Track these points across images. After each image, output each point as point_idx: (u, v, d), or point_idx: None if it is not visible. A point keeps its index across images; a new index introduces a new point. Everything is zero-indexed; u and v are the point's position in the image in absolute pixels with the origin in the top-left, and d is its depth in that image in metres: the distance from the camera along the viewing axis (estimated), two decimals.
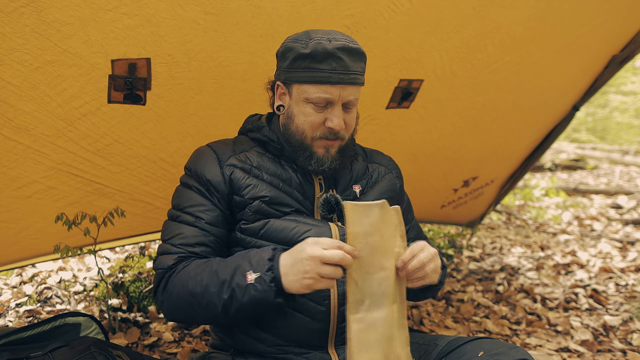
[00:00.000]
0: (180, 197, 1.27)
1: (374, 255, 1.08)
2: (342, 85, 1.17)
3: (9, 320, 2.19)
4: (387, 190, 1.38)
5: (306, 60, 1.16)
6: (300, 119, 1.22)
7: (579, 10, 1.90)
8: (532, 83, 2.25)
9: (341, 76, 1.16)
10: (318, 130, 1.22)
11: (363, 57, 1.21)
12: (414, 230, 1.49)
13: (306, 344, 1.21)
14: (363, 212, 1.07)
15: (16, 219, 1.70)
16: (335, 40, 1.16)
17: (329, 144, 1.24)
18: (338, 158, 1.26)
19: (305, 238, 1.19)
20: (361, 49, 1.20)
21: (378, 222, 1.08)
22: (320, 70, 1.16)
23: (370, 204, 1.08)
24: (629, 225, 4.66)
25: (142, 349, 2.04)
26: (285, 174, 1.28)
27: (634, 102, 10.73)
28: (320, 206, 1.26)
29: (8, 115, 1.38)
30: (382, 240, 1.08)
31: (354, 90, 1.20)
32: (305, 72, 1.17)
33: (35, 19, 1.20)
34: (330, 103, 1.19)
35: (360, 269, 1.07)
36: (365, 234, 1.07)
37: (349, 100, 1.20)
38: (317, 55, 1.15)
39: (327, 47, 1.14)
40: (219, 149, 1.29)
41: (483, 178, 2.93)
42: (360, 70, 1.20)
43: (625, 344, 2.27)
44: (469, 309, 2.64)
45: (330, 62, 1.15)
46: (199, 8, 1.36)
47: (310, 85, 1.18)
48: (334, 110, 1.20)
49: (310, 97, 1.18)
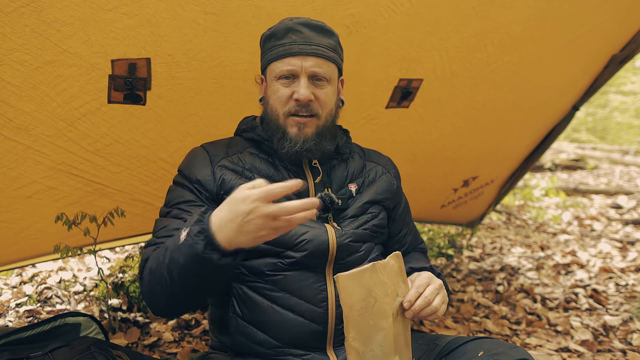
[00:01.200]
0: (171, 195, 1.27)
1: (370, 320, 1.08)
2: (303, 56, 1.19)
3: (9, 320, 2.19)
4: (383, 190, 1.37)
5: (271, 40, 1.23)
6: (272, 98, 1.25)
7: (578, 9, 1.90)
8: (532, 83, 2.24)
9: (301, 46, 1.19)
10: (287, 104, 1.22)
11: (327, 33, 1.23)
12: (411, 234, 1.48)
13: (305, 346, 1.21)
14: (356, 279, 1.07)
15: (16, 219, 1.70)
16: (297, 18, 1.23)
17: (301, 121, 1.22)
18: (314, 138, 1.24)
19: (302, 241, 1.20)
20: (326, 26, 1.24)
21: (371, 285, 1.07)
22: (281, 45, 1.21)
23: (361, 270, 1.07)
24: (629, 225, 4.66)
25: (142, 349, 2.04)
26: (278, 175, 1.27)
27: (634, 102, 10.72)
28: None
29: (8, 116, 1.38)
30: (377, 303, 1.08)
31: (319, 62, 1.21)
32: (270, 50, 1.23)
33: (35, 19, 1.20)
34: (296, 76, 1.21)
35: (359, 337, 1.07)
36: (360, 300, 1.07)
37: (315, 71, 1.20)
38: (279, 32, 1.21)
39: (287, 24, 1.21)
40: (212, 150, 1.30)
41: (483, 178, 2.93)
42: (326, 45, 1.22)
43: (625, 344, 2.27)
44: (469, 309, 2.64)
45: (290, 35, 1.20)
46: (199, 8, 1.36)
47: (275, 62, 1.22)
48: (299, 82, 1.21)
49: (276, 73, 1.22)
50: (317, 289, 1.20)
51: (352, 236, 1.25)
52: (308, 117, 1.23)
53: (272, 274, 1.21)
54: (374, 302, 1.08)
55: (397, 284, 1.12)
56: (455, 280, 3.09)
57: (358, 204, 1.31)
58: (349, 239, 1.24)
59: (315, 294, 1.20)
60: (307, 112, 1.22)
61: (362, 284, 1.07)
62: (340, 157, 1.36)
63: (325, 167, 1.32)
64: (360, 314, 1.07)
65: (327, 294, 1.20)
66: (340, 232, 1.24)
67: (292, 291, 1.20)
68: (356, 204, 1.31)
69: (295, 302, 1.19)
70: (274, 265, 1.21)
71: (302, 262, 1.20)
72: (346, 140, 1.38)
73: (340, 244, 1.22)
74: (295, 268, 1.21)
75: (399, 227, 1.45)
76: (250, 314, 1.22)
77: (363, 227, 1.29)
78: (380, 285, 1.09)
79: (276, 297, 1.20)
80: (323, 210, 1.25)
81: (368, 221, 1.31)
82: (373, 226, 1.31)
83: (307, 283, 1.20)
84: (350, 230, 1.26)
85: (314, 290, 1.20)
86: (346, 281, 1.07)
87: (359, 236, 1.27)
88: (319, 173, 1.30)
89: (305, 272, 1.21)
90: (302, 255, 1.20)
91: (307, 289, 1.20)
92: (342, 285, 1.06)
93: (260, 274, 1.22)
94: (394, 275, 1.12)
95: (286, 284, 1.20)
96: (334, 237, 1.22)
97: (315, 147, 1.25)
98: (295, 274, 1.20)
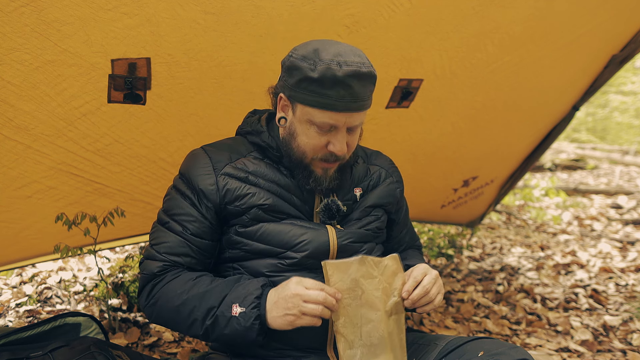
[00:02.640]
0: (171, 202, 1.26)
1: (359, 309, 1.12)
2: (349, 113, 1.13)
3: (9, 320, 2.19)
4: (385, 195, 1.37)
5: (313, 84, 1.10)
6: (303, 140, 1.18)
7: (578, 9, 1.90)
8: (532, 83, 2.24)
9: (349, 104, 1.11)
10: (319, 152, 1.19)
11: (373, 80, 1.14)
12: (409, 233, 1.51)
13: (304, 347, 1.21)
14: (343, 269, 1.11)
15: (16, 219, 1.70)
16: (346, 65, 1.08)
17: (328, 166, 1.22)
18: (337, 177, 1.25)
19: (302, 241, 1.20)
20: (373, 72, 1.13)
21: (359, 277, 1.11)
22: (327, 96, 1.10)
23: (348, 261, 1.11)
24: (629, 225, 4.66)
25: (142, 349, 2.04)
26: (284, 180, 1.25)
27: (634, 102, 10.72)
28: (320, 212, 1.25)
29: (8, 115, 1.38)
30: (365, 295, 1.12)
31: (361, 115, 1.17)
32: (311, 95, 1.11)
33: (35, 19, 1.20)
34: (335, 127, 1.15)
35: (346, 324, 1.11)
36: (347, 289, 1.11)
37: (355, 125, 1.17)
38: (326, 82, 1.08)
39: (336, 74, 1.07)
40: (214, 155, 1.25)
41: (483, 178, 2.93)
42: (368, 94, 1.15)
43: (625, 344, 2.27)
44: (469, 309, 2.64)
45: (339, 89, 1.09)
46: (199, 8, 1.36)
47: (315, 110, 1.12)
48: (337, 135, 1.16)
49: (315, 121, 1.14)
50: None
51: (353, 237, 1.25)
52: (334, 162, 1.22)
53: (272, 275, 1.21)
54: (361, 293, 1.12)
55: (392, 283, 1.16)
56: (455, 280, 3.09)
57: (361, 208, 1.31)
58: (350, 240, 1.24)
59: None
60: (335, 159, 1.21)
61: (349, 273, 1.11)
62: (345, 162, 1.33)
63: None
64: (348, 302, 1.11)
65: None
66: (341, 233, 1.24)
67: None
68: (360, 208, 1.31)
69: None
70: (274, 265, 1.21)
71: (302, 262, 1.20)
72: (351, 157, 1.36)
73: (341, 244, 1.22)
74: (295, 269, 1.20)
75: (400, 229, 1.47)
76: None
77: (365, 228, 1.29)
78: (369, 278, 1.12)
79: None
80: (329, 217, 1.25)
81: (370, 222, 1.31)
82: (375, 227, 1.32)
83: None
84: (351, 230, 1.26)
85: None
86: (333, 269, 1.11)
87: (360, 236, 1.27)
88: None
89: (305, 273, 1.20)
90: (302, 255, 1.19)
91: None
92: (329, 272, 1.10)
93: (260, 275, 1.21)
94: (389, 274, 1.15)
95: None
96: (334, 237, 1.22)
97: (337, 186, 1.27)
98: (295, 275, 1.20)
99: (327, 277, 1.11)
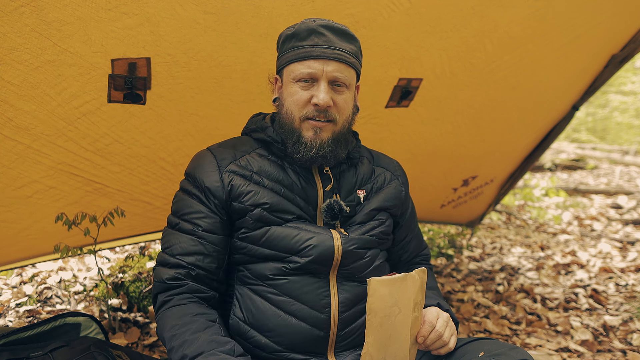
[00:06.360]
0: (179, 204, 1.25)
1: (389, 329, 1.10)
2: (324, 60, 1.16)
3: (9, 320, 2.19)
4: (391, 197, 1.35)
5: (292, 40, 1.19)
6: (288, 100, 1.21)
7: (578, 9, 1.90)
8: (532, 82, 2.25)
9: (323, 50, 1.17)
10: (305, 108, 1.19)
11: (349, 38, 1.20)
12: (415, 239, 1.48)
13: (305, 351, 1.20)
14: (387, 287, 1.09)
15: (16, 219, 1.70)
16: (320, 20, 1.20)
17: (317, 125, 1.19)
18: (330, 144, 1.21)
19: (307, 246, 1.19)
20: (348, 30, 1.21)
21: (399, 295, 1.10)
22: (303, 46, 1.18)
23: (393, 279, 1.09)
24: (629, 225, 4.66)
25: (142, 349, 2.04)
26: (288, 179, 1.25)
27: (634, 102, 10.73)
28: (323, 212, 1.24)
29: (8, 115, 1.38)
30: (401, 314, 1.11)
31: (340, 67, 1.18)
32: (290, 51, 1.20)
33: (35, 19, 1.20)
34: (316, 80, 1.18)
35: (376, 343, 1.09)
36: (385, 307, 1.09)
37: (335, 76, 1.18)
38: (301, 33, 1.18)
39: (310, 25, 1.18)
40: (219, 153, 1.26)
41: (482, 177, 2.93)
42: (347, 50, 1.19)
43: (625, 344, 2.27)
44: (469, 309, 2.64)
45: (313, 37, 1.17)
46: (199, 8, 1.36)
47: (295, 63, 1.19)
48: (319, 86, 1.18)
49: (295, 75, 1.19)
50: (320, 294, 1.19)
51: (358, 242, 1.24)
52: (325, 122, 1.20)
53: (275, 279, 1.20)
54: (397, 312, 1.10)
55: (417, 299, 1.14)
56: (455, 280, 3.09)
57: (365, 211, 1.30)
58: (355, 246, 1.23)
59: (319, 300, 1.19)
60: (324, 117, 1.19)
61: (392, 292, 1.09)
62: (349, 161, 1.33)
63: (334, 173, 1.29)
64: (381, 322, 1.09)
65: (330, 300, 1.20)
66: (346, 239, 1.22)
67: (295, 296, 1.19)
68: (364, 211, 1.29)
69: (298, 307, 1.18)
70: (278, 269, 1.20)
71: (306, 267, 1.19)
72: (356, 144, 1.35)
73: (346, 250, 1.21)
74: (299, 273, 1.20)
75: (404, 233, 1.44)
76: (251, 317, 1.21)
77: (369, 234, 1.27)
78: (406, 297, 1.11)
79: (279, 301, 1.19)
80: (331, 218, 1.24)
81: (375, 227, 1.29)
82: (379, 233, 1.29)
83: (310, 288, 1.19)
84: (356, 236, 1.25)
85: (317, 296, 1.19)
86: (378, 286, 1.08)
87: (365, 242, 1.25)
88: (329, 179, 1.28)
89: (309, 277, 1.20)
90: (306, 260, 1.18)
91: (311, 294, 1.19)
92: (372, 289, 1.08)
93: (264, 278, 1.21)
94: (417, 289, 1.14)
95: (289, 289, 1.19)
96: (339, 243, 1.21)
97: (330, 154, 1.23)
98: (299, 279, 1.19)
99: (370, 294, 1.08)
